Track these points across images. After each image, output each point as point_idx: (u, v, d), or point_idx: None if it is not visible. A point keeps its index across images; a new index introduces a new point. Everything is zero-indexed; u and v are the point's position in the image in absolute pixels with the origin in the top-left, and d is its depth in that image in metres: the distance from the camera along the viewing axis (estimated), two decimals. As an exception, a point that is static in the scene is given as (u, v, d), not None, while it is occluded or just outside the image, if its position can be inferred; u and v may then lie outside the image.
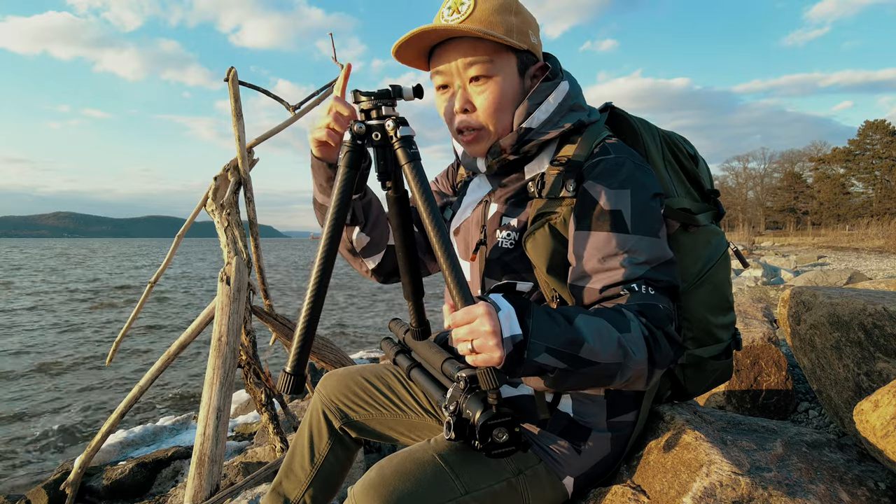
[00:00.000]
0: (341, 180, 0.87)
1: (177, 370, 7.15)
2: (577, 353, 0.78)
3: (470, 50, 0.97)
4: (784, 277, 9.03)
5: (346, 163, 0.88)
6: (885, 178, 47.89)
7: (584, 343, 0.78)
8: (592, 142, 0.98)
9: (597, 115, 1.05)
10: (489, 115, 1.00)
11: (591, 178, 0.94)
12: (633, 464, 1.07)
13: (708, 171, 1.18)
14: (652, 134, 1.08)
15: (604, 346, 0.79)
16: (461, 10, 0.96)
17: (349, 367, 1.34)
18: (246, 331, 2.72)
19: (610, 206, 0.92)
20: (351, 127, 0.87)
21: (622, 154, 0.96)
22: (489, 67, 0.97)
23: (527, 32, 0.99)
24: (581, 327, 0.80)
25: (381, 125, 0.87)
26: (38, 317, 12.69)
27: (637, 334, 0.82)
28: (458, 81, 1.00)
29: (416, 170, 0.84)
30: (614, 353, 0.80)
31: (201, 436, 2.20)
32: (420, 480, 0.91)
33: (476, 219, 1.11)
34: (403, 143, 0.86)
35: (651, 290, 0.89)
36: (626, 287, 0.89)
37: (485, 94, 0.98)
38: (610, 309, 0.86)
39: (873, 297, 1.17)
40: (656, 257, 0.91)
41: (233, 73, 2.95)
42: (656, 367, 0.85)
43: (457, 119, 1.02)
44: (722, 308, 1.10)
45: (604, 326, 0.81)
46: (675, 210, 1.03)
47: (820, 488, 0.88)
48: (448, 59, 0.99)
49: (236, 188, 2.96)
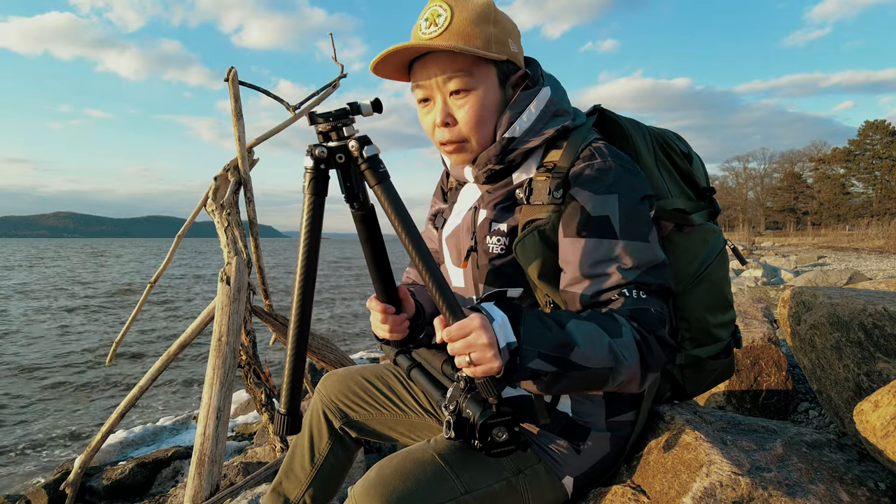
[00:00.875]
0: (309, 208, 0.84)
1: (177, 370, 7.15)
2: (568, 357, 0.80)
3: (448, 64, 0.96)
4: (784, 277, 9.03)
5: (312, 190, 0.84)
6: (885, 178, 47.90)
7: (575, 347, 0.80)
8: (578, 146, 0.98)
9: (582, 118, 1.05)
10: (470, 127, 0.99)
11: (578, 185, 0.94)
12: (633, 464, 1.07)
13: (703, 168, 1.17)
14: (642, 134, 1.08)
15: (595, 351, 0.81)
16: (438, 22, 0.94)
17: (349, 367, 1.34)
18: (246, 331, 2.72)
19: (597, 211, 0.92)
20: (311, 151, 0.83)
21: (608, 158, 0.95)
22: (468, 81, 0.96)
23: (506, 42, 0.98)
24: (572, 332, 0.81)
25: (343, 146, 0.84)
26: (38, 317, 12.69)
27: (628, 339, 0.84)
28: (438, 95, 0.99)
29: (388, 190, 0.83)
30: (605, 357, 0.82)
31: (201, 436, 2.20)
32: (420, 480, 0.91)
33: (466, 225, 1.11)
34: (370, 163, 0.83)
35: (643, 295, 0.89)
36: (618, 292, 0.89)
37: (465, 107, 0.98)
38: (602, 314, 0.87)
39: (873, 297, 1.17)
40: (647, 261, 0.91)
41: (233, 74, 2.95)
42: (649, 370, 0.86)
43: (438, 132, 1.02)
44: (720, 307, 1.10)
45: (595, 331, 0.82)
46: (669, 211, 1.03)
47: (820, 488, 0.88)
48: (427, 73, 0.98)
49: (236, 188, 2.96)
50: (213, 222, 2.94)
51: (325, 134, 0.84)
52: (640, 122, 1.10)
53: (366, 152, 0.83)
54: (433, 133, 1.04)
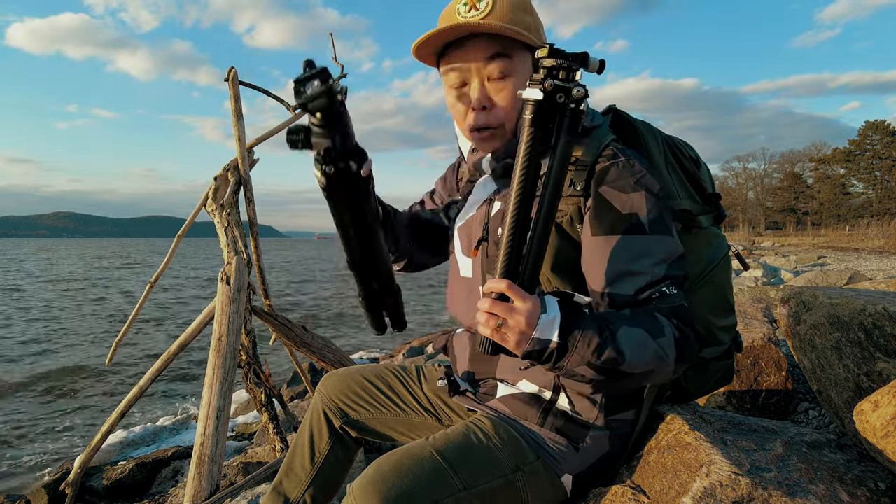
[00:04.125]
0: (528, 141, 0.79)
1: (177, 370, 7.15)
2: (618, 368, 0.83)
3: (490, 47, 0.96)
4: (784, 278, 9.03)
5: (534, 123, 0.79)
6: (885, 179, 47.90)
7: (624, 361, 0.83)
8: (599, 144, 0.98)
9: (599, 118, 1.06)
10: (507, 112, 0.99)
11: (606, 184, 0.94)
12: (633, 464, 1.07)
13: (709, 174, 1.18)
14: (654, 137, 1.09)
15: (641, 358, 0.84)
16: (479, 6, 0.95)
17: (349, 367, 1.34)
18: (246, 331, 2.72)
19: (626, 209, 0.92)
20: (542, 82, 0.77)
21: (632, 157, 0.97)
22: (508, 65, 0.97)
23: (541, 32, 1.01)
24: (622, 342, 0.83)
25: (568, 88, 0.78)
26: (38, 317, 12.69)
27: (669, 337, 0.86)
28: (475, 79, 0.99)
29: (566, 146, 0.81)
30: (649, 362, 0.84)
31: (201, 436, 2.20)
32: (418, 476, 0.91)
33: (480, 217, 1.12)
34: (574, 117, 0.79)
35: (675, 290, 0.91)
36: (657, 290, 0.90)
37: (504, 91, 0.98)
38: (644, 314, 0.88)
39: (873, 297, 1.17)
40: (672, 253, 0.92)
41: (233, 74, 2.95)
42: (684, 364, 0.89)
43: (473, 116, 1.01)
44: (723, 310, 1.10)
45: (643, 337, 0.84)
46: (677, 211, 1.03)
47: (820, 488, 0.88)
48: (466, 56, 0.98)
49: (236, 188, 2.96)
50: (213, 222, 2.94)
51: (549, 70, 0.78)
52: (652, 125, 1.11)
53: (583, 106, 0.79)
54: (465, 118, 1.03)
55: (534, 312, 0.80)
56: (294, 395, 5.40)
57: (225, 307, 2.54)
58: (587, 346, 0.82)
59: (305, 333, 2.99)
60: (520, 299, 0.80)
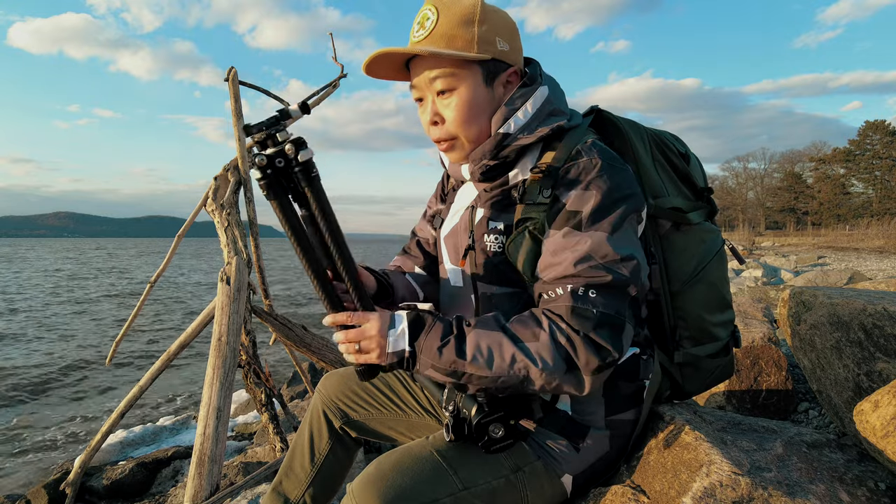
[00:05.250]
0: (280, 211, 0.90)
1: (177, 370, 7.15)
2: (461, 370, 0.88)
3: (432, 65, 0.99)
4: (784, 277, 9.03)
5: (272, 196, 0.89)
6: (885, 179, 47.91)
7: (465, 363, 0.88)
8: (571, 147, 0.98)
9: (578, 119, 1.05)
10: (457, 125, 1.01)
11: (563, 184, 0.95)
12: (633, 464, 1.07)
13: (701, 168, 1.17)
14: (640, 134, 1.08)
15: (489, 362, 0.87)
16: (426, 25, 0.98)
17: (349, 368, 1.34)
18: (246, 331, 2.72)
19: (571, 207, 0.93)
20: (253, 161, 0.88)
21: (595, 155, 0.95)
22: (451, 81, 0.99)
23: (493, 40, 0.98)
24: (467, 346, 0.89)
25: (280, 150, 0.88)
26: (38, 316, 12.69)
27: (544, 343, 0.86)
28: (428, 94, 1.03)
29: (317, 192, 0.91)
30: (504, 366, 0.86)
31: (201, 436, 2.20)
32: (418, 476, 0.91)
33: (464, 224, 1.11)
34: (303, 167, 0.89)
35: (590, 293, 0.88)
36: (562, 286, 0.90)
37: (450, 106, 1.00)
38: (525, 317, 0.91)
39: (873, 297, 1.17)
40: (604, 253, 0.89)
41: (233, 73, 2.95)
42: (581, 372, 0.86)
43: (429, 130, 1.05)
44: (719, 306, 1.10)
45: (497, 341, 0.88)
46: (666, 209, 1.03)
47: (820, 488, 0.88)
48: (417, 74, 1.02)
49: (236, 188, 2.96)
50: (213, 222, 2.94)
51: (261, 143, 0.89)
52: (637, 123, 1.10)
53: (301, 156, 0.89)
54: (428, 131, 1.06)
55: (382, 325, 0.91)
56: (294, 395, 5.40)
57: (225, 307, 2.54)
58: (430, 350, 0.90)
59: (305, 333, 2.99)
60: (362, 319, 0.92)
